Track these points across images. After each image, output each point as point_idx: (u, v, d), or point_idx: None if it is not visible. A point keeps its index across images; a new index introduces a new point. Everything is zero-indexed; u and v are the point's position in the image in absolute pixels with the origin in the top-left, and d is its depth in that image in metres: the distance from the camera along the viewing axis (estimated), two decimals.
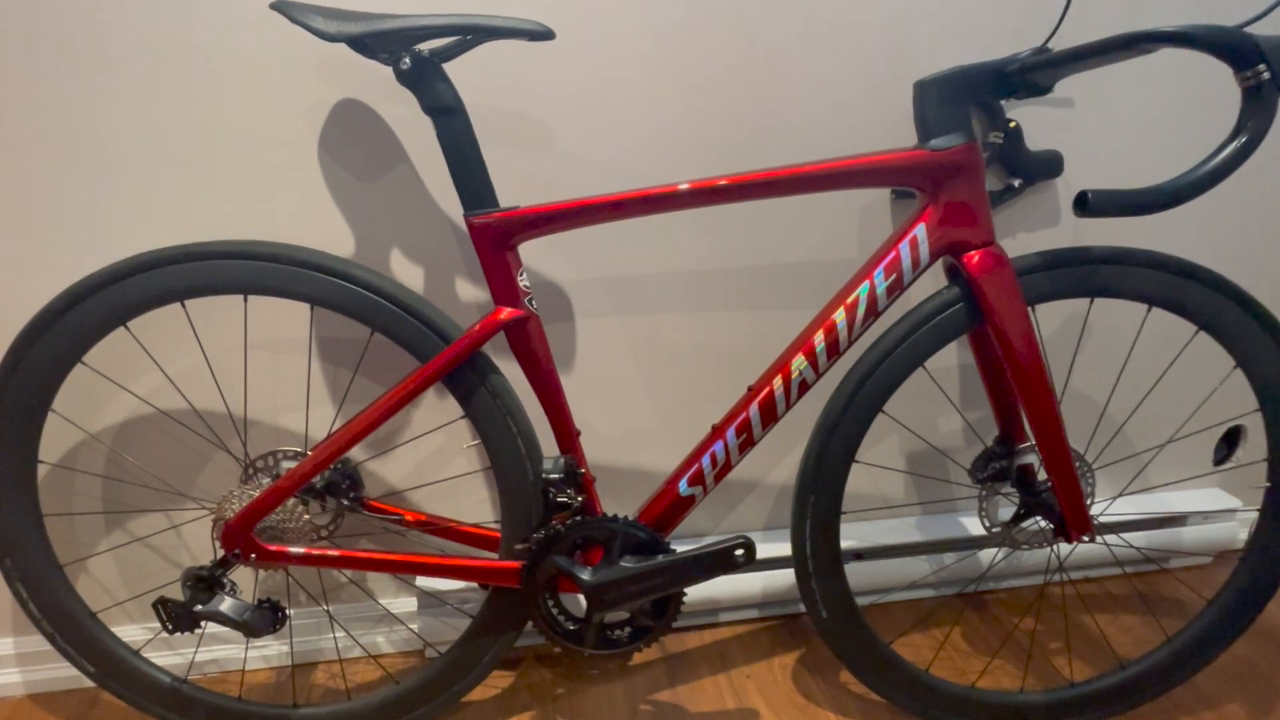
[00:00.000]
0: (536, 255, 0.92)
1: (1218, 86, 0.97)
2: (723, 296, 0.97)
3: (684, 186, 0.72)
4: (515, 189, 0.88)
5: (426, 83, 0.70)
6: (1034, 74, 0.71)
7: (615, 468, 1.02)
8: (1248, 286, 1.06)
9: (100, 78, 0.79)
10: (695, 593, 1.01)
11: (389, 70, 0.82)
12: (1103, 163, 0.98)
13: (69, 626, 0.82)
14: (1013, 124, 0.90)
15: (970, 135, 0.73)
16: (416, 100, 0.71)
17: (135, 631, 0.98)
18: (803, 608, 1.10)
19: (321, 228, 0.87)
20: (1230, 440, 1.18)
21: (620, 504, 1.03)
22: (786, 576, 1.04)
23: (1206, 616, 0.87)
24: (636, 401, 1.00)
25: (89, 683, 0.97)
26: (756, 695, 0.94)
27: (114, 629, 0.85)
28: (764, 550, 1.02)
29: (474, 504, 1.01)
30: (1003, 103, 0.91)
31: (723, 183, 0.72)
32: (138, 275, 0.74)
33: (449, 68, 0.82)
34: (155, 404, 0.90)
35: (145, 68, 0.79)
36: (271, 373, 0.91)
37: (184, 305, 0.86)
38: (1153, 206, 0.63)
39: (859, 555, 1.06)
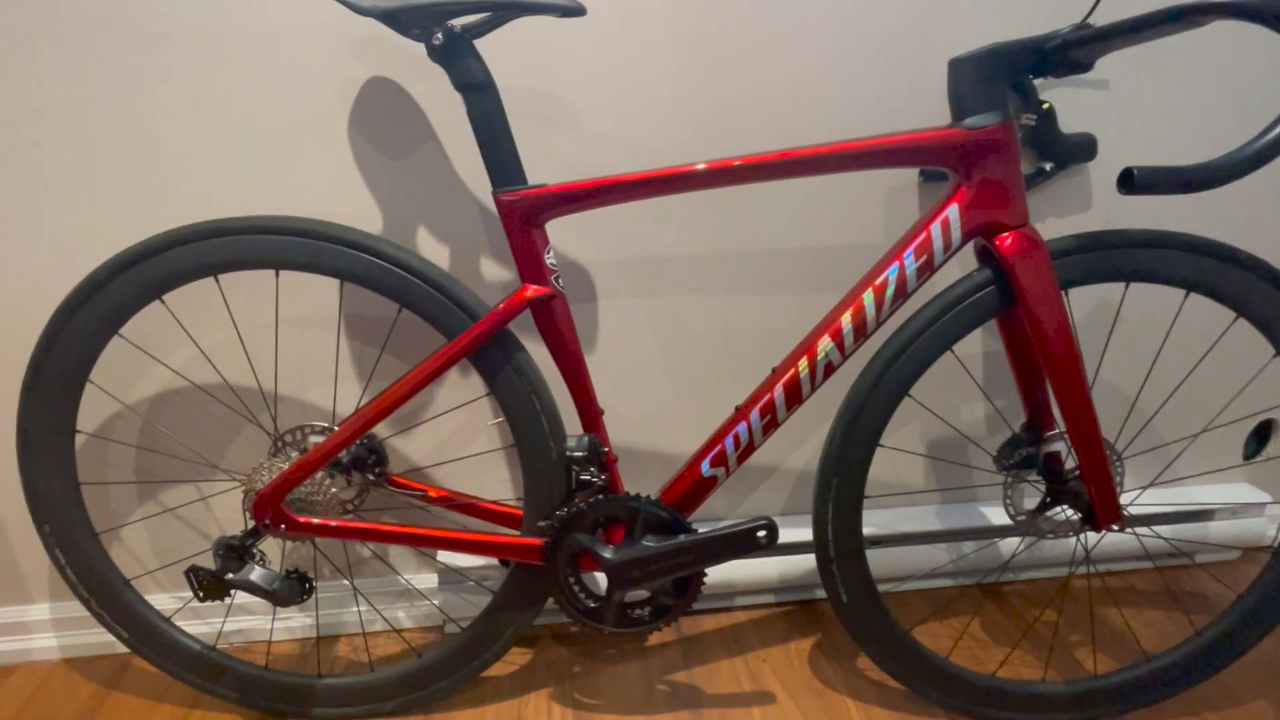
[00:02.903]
0: (561, 236, 0.92)
1: (1267, 65, 0.94)
2: (747, 279, 0.96)
3: (710, 165, 0.72)
4: (543, 168, 0.88)
5: (458, 59, 0.70)
6: (1074, 51, 0.69)
7: (637, 449, 1.02)
8: None
9: (135, 56, 0.80)
10: (712, 576, 1.01)
11: (419, 48, 0.82)
12: (1138, 147, 0.96)
13: (103, 592, 0.84)
14: (1046, 106, 0.88)
15: (1006, 114, 0.72)
16: (447, 76, 0.71)
17: (165, 600, 1.00)
18: (819, 594, 1.10)
19: (351, 204, 0.87)
20: (1261, 435, 1.15)
21: (642, 485, 1.04)
22: (804, 562, 1.04)
23: (1236, 611, 0.86)
24: (659, 383, 1.00)
25: (121, 648, 0.99)
26: (772, 678, 0.94)
27: (146, 597, 0.87)
28: (783, 535, 1.01)
29: (496, 482, 1.01)
30: (1036, 84, 0.89)
31: (752, 162, 0.72)
32: (172, 250, 0.75)
33: (480, 44, 0.82)
34: (189, 377, 0.92)
35: (179, 43, 0.80)
36: (301, 348, 0.92)
37: (217, 280, 0.88)
38: (1200, 184, 0.61)
39: (879, 542, 1.06)
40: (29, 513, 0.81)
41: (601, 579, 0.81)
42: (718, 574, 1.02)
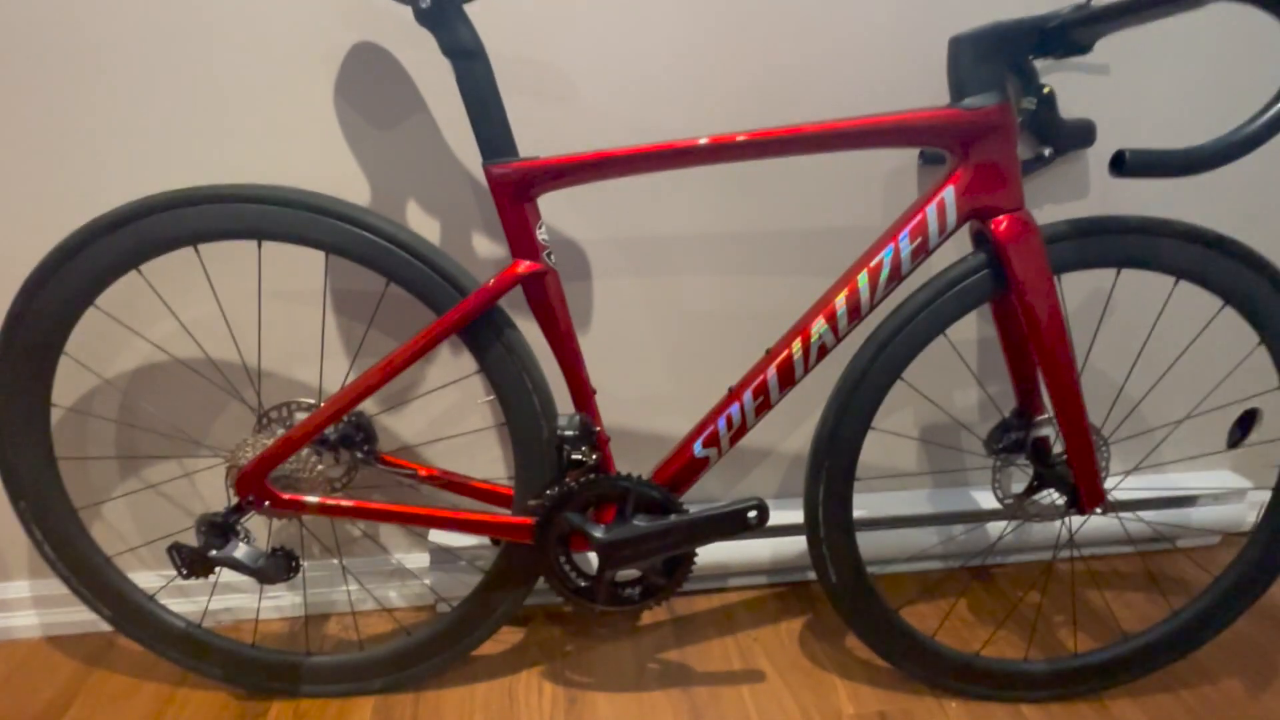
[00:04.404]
0: (555, 213, 0.90)
1: (1265, 51, 0.94)
2: (743, 260, 0.95)
3: (705, 141, 0.70)
4: (535, 142, 0.86)
5: (446, 23, 0.67)
6: (1075, 31, 0.68)
7: (630, 430, 1.02)
8: None
9: (114, 19, 0.77)
10: (705, 557, 1.01)
11: (408, 12, 0.80)
12: (1137, 133, 0.96)
13: (85, 570, 0.83)
14: (1047, 89, 0.87)
15: (1005, 95, 0.71)
16: (436, 42, 0.69)
17: (149, 578, 0.99)
18: (810, 575, 1.10)
19: (337, 174, 0.85)
20: (1244, 424, 1.17)
21: (634, 466, 1.03)
22: (796, 544, 1.04)
23: (1212, 592, 0.87)
24: (653, 364, 0.99)
25: (106, 626, 0.98)
26: (763, 658, 0.95)
27: (129, 574, 0.86)
28: (775, 517, 1.03)
29: (487, 461, 1.01)
30: (1037, 66, 0.88)
31: (745, 138, 0.71)
32: (151, 217, 0.72)
33: (470, 10, 0.79)
34: (170, 351, 0.90)
35: (160, 5, 0.77)
36: (285, 323, 0.90)
37: (197, 250, 0.85)
38: (1191, 168, 0.61)
39: (869, 524, 1.06)
40: (4, 488, 0.79)
41: (592, 558, 0.81)
42: (711, 555, 1.02)
